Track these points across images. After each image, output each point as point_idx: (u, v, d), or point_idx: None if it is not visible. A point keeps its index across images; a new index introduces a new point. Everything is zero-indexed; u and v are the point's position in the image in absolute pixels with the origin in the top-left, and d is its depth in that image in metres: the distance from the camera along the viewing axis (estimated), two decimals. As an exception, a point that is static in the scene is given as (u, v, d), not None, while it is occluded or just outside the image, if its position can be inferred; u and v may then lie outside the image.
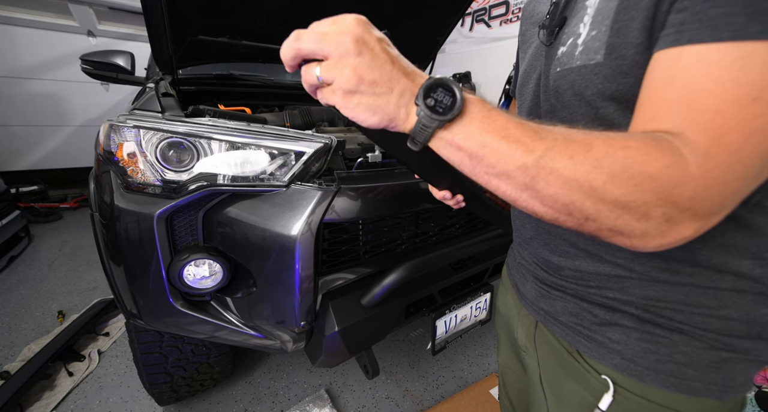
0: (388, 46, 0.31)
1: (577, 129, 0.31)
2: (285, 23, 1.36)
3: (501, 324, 0.70)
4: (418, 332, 1.78)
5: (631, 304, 0.41)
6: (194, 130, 0.78)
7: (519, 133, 0.29)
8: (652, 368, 0.40)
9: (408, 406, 1.39)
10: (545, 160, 0.29)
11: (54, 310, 1.89)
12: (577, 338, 0.46)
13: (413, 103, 0.31)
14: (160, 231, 0.78)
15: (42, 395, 1.37)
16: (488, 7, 4.12)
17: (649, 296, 0.39)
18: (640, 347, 0.40)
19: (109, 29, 3.39)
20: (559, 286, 0.48)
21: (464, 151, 0.31)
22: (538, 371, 0.54)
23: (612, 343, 0.42)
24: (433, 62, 1.85)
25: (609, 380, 0.42)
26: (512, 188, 0.31)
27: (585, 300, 0.45)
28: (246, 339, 0.92)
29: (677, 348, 0.38)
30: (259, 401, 1.39)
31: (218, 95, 1.51)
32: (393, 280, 0.84)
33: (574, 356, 0.47)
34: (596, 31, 0.36)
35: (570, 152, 0.29)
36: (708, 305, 0.37)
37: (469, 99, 0.31)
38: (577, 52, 0.38)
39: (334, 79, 0.30)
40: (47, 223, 3.12)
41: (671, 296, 0.38)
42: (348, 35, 0.29)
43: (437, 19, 1.54)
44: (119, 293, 0.87)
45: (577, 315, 0.46)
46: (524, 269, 0.56)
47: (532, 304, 0.54)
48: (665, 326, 0.39)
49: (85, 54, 1.51)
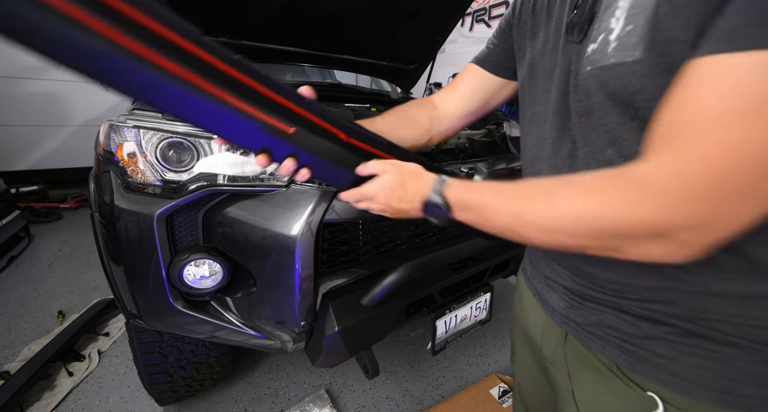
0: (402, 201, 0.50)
1: (542, 180, 0.39)
2: (285, 23, 1.36)
3: (518, 331, 0.67)
4: (418, 332, 1.78)
5: (678, 317, 0.38)
6: (194, 130, 0.78)
7: (497, 198, 0.41)
8: (704, 384, 0.37)
9: (408, 406, 1.39)
10: (524, 212, 0.38)
11: (54, 310, 1.89)
12: (617, 353, 0.43)
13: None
14: (160, 231, 0.78)
15: (42, 395, 1.37)
16: (488, 7, 4.12)
17: (698, 307, 0.37)
18: (689, 362, 0.38)
19: (109, 29, 3.39)
20: (592, 297, 0.45)
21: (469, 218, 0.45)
22: (570, 386, 0.50)
23: (658, 358, 0.40)
24: (433, 62, 1.85)
25: (656, 397, 0.40)
26: (512, 238, 0.41)
27: (625, 312, 0.42)
28: (246, 339, 0.92)
29: (730, 363, 0.36)
30: (259, 401, 1.39)
31: (218, 95, 1.50)
32: (393, 280, 0.84)
33: (614, 371, 0.44)
34: (632, 25, 0.33)
35: (535, 206, 0.37)
36: (761, 317, 0.35)
37: (452, 201, 0.46)
38: (610, 48, 0.35)
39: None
40: (47, 223, 3.12)
41: (722, 308, 0.36)
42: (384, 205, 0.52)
43: (437, 19, 1.54)
44: (119, 293, 0.87)
45: (616, 328, 0.43)
46: (550, 280, 0.53)
47: (560, 315, 0.50)
48: (716, 339, 0.37)
49: (85, 54, 1.51)
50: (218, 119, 0.42)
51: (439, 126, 0.71)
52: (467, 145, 1.36)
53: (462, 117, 0.70)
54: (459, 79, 0.69)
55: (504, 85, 0.66)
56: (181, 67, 0.37)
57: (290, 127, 0.46)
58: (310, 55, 1.58)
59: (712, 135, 0.27)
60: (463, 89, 0.69)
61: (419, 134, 0.70)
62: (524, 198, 0.39)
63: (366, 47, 1.64)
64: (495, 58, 0.63)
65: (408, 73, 1.90)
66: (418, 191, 0.48)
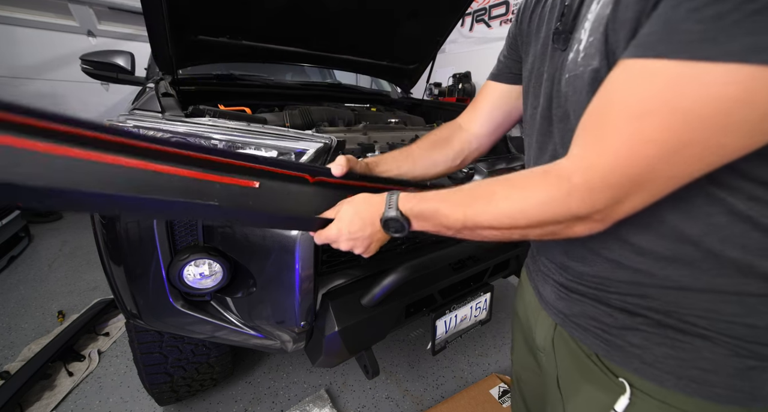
0: (364, 230, 0.52)
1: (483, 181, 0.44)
2: (285, 23, 1.36)
3: (518, 324, 0.70)
4: (418, 332, 1.78)
5: (652, 309, 0.40)
6: (194, 130, 0.78)
7: (445, 205, 0.45)
8: (673, 373, 0.39)
9: (408, 406, 1.39)
10: (470, 216, 0.42)
11: (54, 310, 1.89)
12: (596, 342, 0.46)
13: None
14: (160, 231, 0.78)
15: (42, 395, 1.37)
16: (488, 7, 4.11)
17: (673, 302, 0.39)
18: (660, 351, 0.40)
19: (109, 29, 3.39)
20: (578, 290, 0.48)
21: (426, 227, 0.49)
22: (556, 372, 0.54)
23: (631, 347, 0.42)
24: (433, 62, 1.85)
25: (626, 383, 0.43)
26: (468, 237, 0.46)
27: (605, 304, 0.45)
28: (246, 339, 0.92)
29: (700, 354, 0.38)
30: (259, 401, 1.39)
31: (218, 95, 1.50)
32: (393, 280, 0.84)
33: (593, 358, 0.47)
34: (593, 37, 0.37)
35: (480, 207, 0.42)
36: (733, 313, 0.36)
37: (408, 214, 0.48)
38: (579, 58, 0.39)
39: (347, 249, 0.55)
40: (47, 223, 3.12)
41: (694, 303, 0.38)
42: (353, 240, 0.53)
43: (437, 19, 1.54)
44: (119, 293, 0.87)
45: (596, 319, 0.46)
46: (543, 274, 0.57)
47: (551, 306, 0.54)
48: (688, 331, 0.39)
49: (85, 54, 1.51)
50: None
51: (470, 146, 0.73)
52: (467, 146, 1.36)
53: (489, 134, 0.72)
54: (479, 98, 0.72)
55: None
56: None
57: (254, 182, 0.47)
58: (310, 55, 1.58)
59: (616, 134, 0.32)
60: (485, 107, 0.71)
61: (452, 156, 0.73)
62: (470, 201, 0.43)
63: (366, 47, 1.64)
64: (508, 69, 0.66)
65: (408, 73, 1.90)
66: (373, 214, 0.51)
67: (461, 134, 0.74)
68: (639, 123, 0.31)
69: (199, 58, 1.38)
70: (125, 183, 0.37)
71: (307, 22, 1.37)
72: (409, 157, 0.72)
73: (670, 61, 0.28)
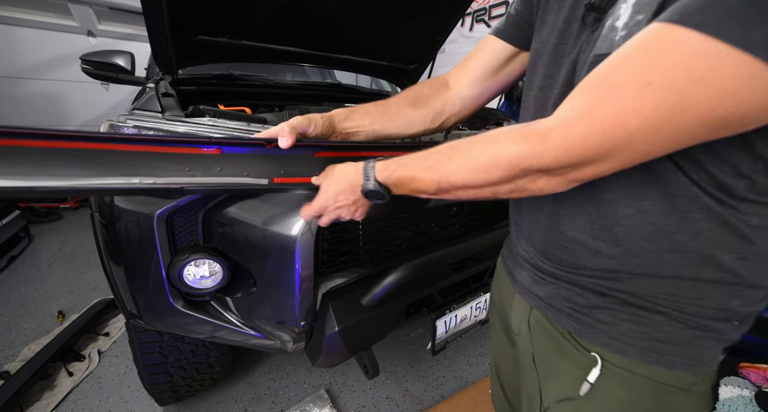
0: (347, 198, 0.55)
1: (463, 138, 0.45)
2: (285, 23, 1.36)
3: (495, 312, 0.71)
4: (418, 332, 1.78)
5: (621, 291, 0.44)
6: (194, 130, 0.78)
7: (420, 170, 0.47)
8: (635, 345, 0.44)
9: (408, 406, 1.39)
10: (444, 177, 0.45)
11: (54, 310, 1.89)
12: (568, 321, 0.49)
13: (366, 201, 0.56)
14: (160, 231, 0.78)
15: (42, 395, 1.38)
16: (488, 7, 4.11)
17: (638, 285, 0.43)
18: (625, 327, 0.44)
19: (109, 29, 3.39)
20: (554, 274, 0.50)
21: (405, 192, 0.51)
22: (531, 351, 0.56)
23: (600, 324, 0.46)
24: (433, 62, 1.85)
25: (598, 356, 0.46)
26: (442, 197, 0.48)
27: (578, 286, 0.48)
28: (246, 339, 0.92)
29: (659, 328, 0.42)
30: (259, 401, 1.39)
31: (218, 95, 1.50)
32: (393, 280, 0.84)
33: (566, 337, 0.50)
34: (643, 15, 0.33)
35: (456, 163, 0.43)
36: (687, 296, 0.41)
37: (386, 182, 0.50)
38: (617, 36, 0.35)
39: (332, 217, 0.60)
40: (47, 223, 3.12)
41: (658, 288, 0.42)
42: (340, 208, 0.57)
43: (437, 19, 1.53)
44: (119, 293, 0.87)
45: (569, 300, 0.49)
46: (521, 259, 0.57)
47: (526, 290, 0.56)
48: (649, 308, 0.43)
49: (85, 54, 1.51)
50: None
51: (452, 108, 0.68)
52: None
53: (476, 98, 0.67)
54: (474, 54, 0.65)
55: (523, 58, 0.61)
56: None
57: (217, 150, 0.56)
58: (310, 55, 1.58)
59: (609, 98, 0.31)
60: (478, 66, 0.65)
61: (431, 117, 0.68)
62: (446, 161, 0.45)
63: (366, 47, 1.64)
64: (516, 28, 0.59)
65: (408, 73, 1.90)
66: (353, 183, 0.53)
67: (446, 93, 0.68)
68: (638, 92, 0.29)
69: (199, 58, 1.38)
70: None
71: (307, 22, 1.37)
72: (384, 112, 0.67)
73: (696, 34, 0.26)
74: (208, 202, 0.80)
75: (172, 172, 0.52)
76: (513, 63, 0.63)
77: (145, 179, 0.51)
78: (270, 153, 0.57)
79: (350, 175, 0.54)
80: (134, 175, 0.50)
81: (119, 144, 0.50)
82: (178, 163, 0.53)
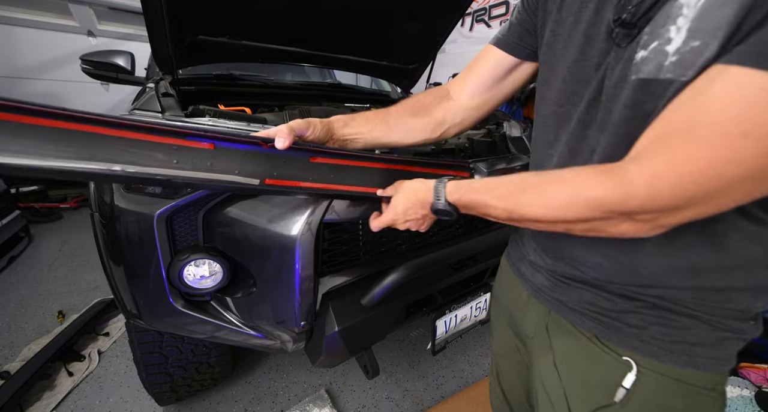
0: (417, 213, 0.58)
1: (534, 174, 0.44)
2: (285, 23, 1.36)
3: (499, 313, 0.70)
4: (418, 332, 1.78)
5: (650, 295, 0.44)
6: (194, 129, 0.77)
7: (492, 197, 0.47)
8: (668, 348, 0.44)
9: (408, 406, 1.39)
10: (516, 208, 0.44)
11: (54, 310, 1.89)
12: (595, 325, 0.48)
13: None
14: (160, 231, 0.78)
15: (42, 395, 1.37)
16: (488, 7, 4.11)
17: (669, 293, 0.43)
18: (656, 330, 0.44)
19: (109, 29, 3.39)
20: (579, 278, 0.49)
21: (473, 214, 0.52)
22: (551, 355, 0.54)
23: (630, 328, 0.45)
24: (433, 62, 1.85)
25: (632, 360, 0.45)
26: (512, 224, 0.49)
27: (605, 291, 0.47)
28: (246, 339, 0.92)
29: (689, 330, 0.43)
30: (259, 401, 1.39)
31: (218, 95, 1.50)
32: (393, 280, 0.84)
33: (594, 341, 0.49)
34: (700, 42, 0.31)
35: (529, 197, 0.42)
36: (716, 299, 0.42)
37: (455, 204, 0.51)
38: (668, 62, 0.33)
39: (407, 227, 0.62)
40: (47, 223, 3.12)
41: (688, 293, 0.42)
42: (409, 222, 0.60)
43: (437, 19, 1.53)
44: (119, 293, 0.87)
45: (594, 304, 0.48)
46: (535, 265, 0.57)
47: (543, 294, 0.55)
48: (679, 312, 0.43)
49: (85, 54, 1.51)
50: None
51: (453, 118, 0.68)
52: (467, 145, 1.36)
53: (478, 108, 0.67)
54: (476, 64, 0.64)
55: (525, 68, 0.61)
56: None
57: (209, 145, 0.54)
58: (310, 55, 1.58)
59: (700, 149, 0.30)
60: (480, 76, 0.64)
61: (432, 126, 0.68)
62: (518, 194, 0.44)
63: (366, 47, 1.64)
64: (517, 39, 0.58)
65: (408, 73, 1.90)
66: (423, 201, 0.55)
67: (447, 103, 0.68)
68: (732, 142, 0.28)
69: (199, 58, 1.38)
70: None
71: (307, 22, 1.37)
72: (384, 120, 0.66)
73: None
74: (208, 201, 0.81)
75: (158, 162, 0.49)
76: (515, 73, 0.62)
77: (128, 167, 0.47)
78: (265, 153, 0.55)
79: (420, 193, 0.56)
80: (114, 162, 0.46)
81: (100, 127, 0.46)
82: (166, 153, 0.49)
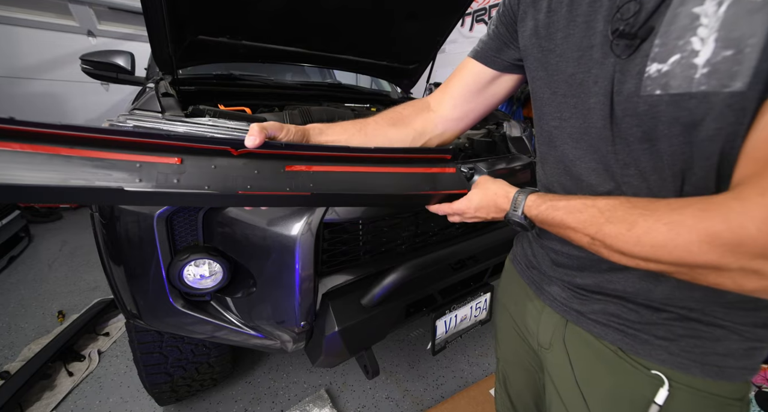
0: (488, 214, 0.57)
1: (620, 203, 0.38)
2: (285, 23, 1.36)
3: (506, 320, 0.68)
4: (418, 332, 1.78)
5: (678, 306, 0.43)
6: (194, 130, 0.78)
7: (574, 220, 0.42)
8: (698, 361, 0.42)
9: (408, 406, 1.39)
10: (599, 237, 0.39)
11: (54, 310, 1.89)
12: (619, 337, 0.47)
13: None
14: (160, 231, 0.78)
15: (42, 395, 1.37)
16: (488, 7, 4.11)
17: (697, 303, 0.42)
18: (686, 342, 0.43)
19: (109, 29, 3.39)
20: (602, 289, 0.48)
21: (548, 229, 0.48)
22: (570, 368, 0.53)
23: (658, 340, 0.44)
24: (433, 62, 1.85)
25: (662, 375, 0.44)
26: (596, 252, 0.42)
27: (629, 301, 0.46)
28: (246, 339, 0.92)
29: (719, 342, 0.42)
30: (259, 401, 1.39)
31: (218, 95, 1.50)
32: (393, 280, 0.84)
33: (619, 354, 0.47)
34: (733, 50, 0.30)
35: (616, 229, 0.37)
36: (746, 308, 0.41)
37: (532, 218, 0.49)
38: (698, 74, 0.32)
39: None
40: (47, 223, 3.12)
41: (718, 306, 0.41)
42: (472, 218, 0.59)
43: (437, 19, 1.53)
44: (119, 293, 0.87)
45: (618, 315, 0.47)
46: (552, 277, 0.56)
47: (561, 305, 0.54)
48: (708, 322, 0.42)
49: (85, 54, 1.51)
50: None
51: (434, 129, 0.67)
52: (467, 145, 1.37)
53: (459, 119, 0.67)
54: (455, 77, 0.65)
55: (506, 80, 0.61)
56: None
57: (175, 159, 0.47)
58: (310, 55, 1.58)
59: None
60: (459, 88, 0.64)
61: (411, 137, 0.67)
62: (603, 222, 0.38)
63: (366, 47, 1.64)
64: (494, 52, 0.58)
65: (408, 73, 1.90)
66: (500, 207, 0.54)
67: (426, 114, 0.67)
68: None
69: (199, 58, 1.38)
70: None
71: (307, 22, 1.37)
72: (362, 130, 0.65)
73: None
74: (208, 202, 0.80)
75: (119, 182, 0.41)
76: (495, 85, 0.62)
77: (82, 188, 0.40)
78: (237, 162, 0.50)
79: (499, 198, 0.54)
80: (68, 182, 0.39)
81: (47, 146, 0.40)
82: (128, 172, 0.42)
